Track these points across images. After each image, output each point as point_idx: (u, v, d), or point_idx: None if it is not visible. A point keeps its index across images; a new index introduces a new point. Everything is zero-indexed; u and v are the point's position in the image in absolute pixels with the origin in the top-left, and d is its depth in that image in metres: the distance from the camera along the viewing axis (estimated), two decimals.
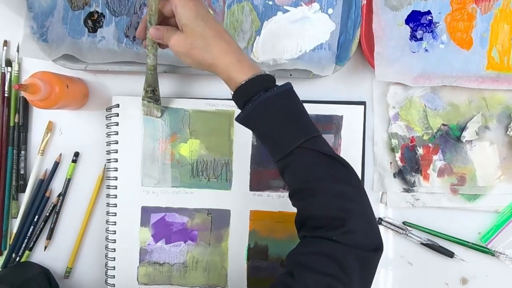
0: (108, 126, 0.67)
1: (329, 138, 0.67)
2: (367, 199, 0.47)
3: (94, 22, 0.66)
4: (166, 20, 0.55)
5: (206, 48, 0.49)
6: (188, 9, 0.49)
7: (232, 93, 0.49)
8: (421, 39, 0.66)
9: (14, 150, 0.67)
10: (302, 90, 0.67)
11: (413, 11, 0.65)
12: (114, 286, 0.68)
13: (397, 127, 0.67)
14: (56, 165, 0.69)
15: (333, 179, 0.46)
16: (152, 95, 0.63)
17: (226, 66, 0.49)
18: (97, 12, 0.66)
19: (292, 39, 0.65)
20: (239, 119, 0.49)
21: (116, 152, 0.67)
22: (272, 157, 0.49)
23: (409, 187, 0.68)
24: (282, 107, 0.47)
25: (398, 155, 0.67)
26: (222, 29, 0.51)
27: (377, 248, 0.45)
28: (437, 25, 0.65)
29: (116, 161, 0.67)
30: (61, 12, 0.65)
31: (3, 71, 0.67)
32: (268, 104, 0.47)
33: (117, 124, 0.67)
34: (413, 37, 0.66)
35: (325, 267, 0.42)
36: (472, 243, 0.68)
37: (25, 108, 0.68)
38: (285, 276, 0.44)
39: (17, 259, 0.68)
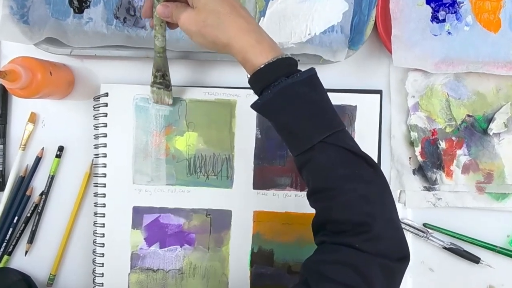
0: (96, 117, 0.67)
1: None
2: (393, 202, 0.47)
3: (80, 1, 0.65)
4: None
5: (220, 26, 0.47)
6: None
7: (249, 76, 0.48)
8: (443, 20, 0.65)
9: None
10: None
11: None
12: None
13: (417, 118, 0.67)
14: (38, 160, 0.68)
15: (358, 179, 0.45)
16: (162, 80, 0.62)
17: (243, 46, 0.47)
18: None
19: (300, 20, 0.65)
20: (256, 106, 0.48)
21: (105, 146, 0.66)
22: (290, 151, 0.49)
23: (430, 185, 0.68)
24: (304, 96, 0.46)
25: (418, 149, 0.67)
26: (238, 4, 0.49)
27: (404, 257, 0.44)
28: (461, 5, 0.65)
29: (105, 156, 0.66)
30: None
31: None
32: (289, 92, 0.46)
33: (105, 115, 0.66)
34: (434, 18, 0.65)
35: (346, 277, 0.42)
36: (500, 247, 0.68)
37: (4, 97, 0.67)
38: (300, 286, 0.43)
39: None
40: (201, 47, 0.51)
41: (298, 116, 0.46)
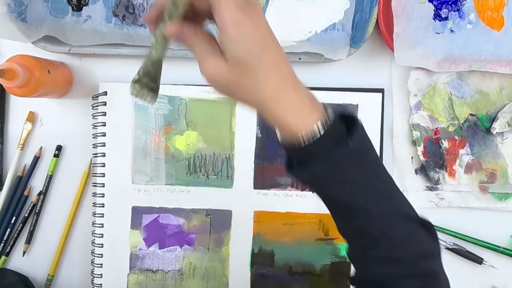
0: (94, 116, 0.67)
1: None
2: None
3: None
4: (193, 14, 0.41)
5: (255, 85, 0.38)
6: (245, 34, 0.37)
7: (283, 141, 0.41)
8: (446, 18, 0.65)
9: None
10: (312, 76, 0.67)
11: None
12: None
13: (419, 117, 0.67)
14: (36, 160, 0.68)
15: (419, 254, 0.43)
16: (148, 82, 0.48)
17: (279, 111, 0.39)
18: None
19: (301, 18, 0.65)
20: (302, 178, 0.43)
21: (104, 145, 0.66)
22: (334, 218, 0.44)
23: (433, 184, 0.67)
24: (357, 168, 0.41)
25: (420, 148, 0.67)
26: (281, 56, 0.39)
27: None
28: (464, 2, 0.65)
29: (104, 156, 0.66)
30: None
31: None
32: (340, 165, 0.40)
33: (104, 114, 0.66)
34: (437, 16, 0.65)
35: None
36: (504, 248, 0.68)
37: (1, 96, 0.67)
38: None
39: None
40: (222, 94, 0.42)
41: (348, 191, 0.41)
